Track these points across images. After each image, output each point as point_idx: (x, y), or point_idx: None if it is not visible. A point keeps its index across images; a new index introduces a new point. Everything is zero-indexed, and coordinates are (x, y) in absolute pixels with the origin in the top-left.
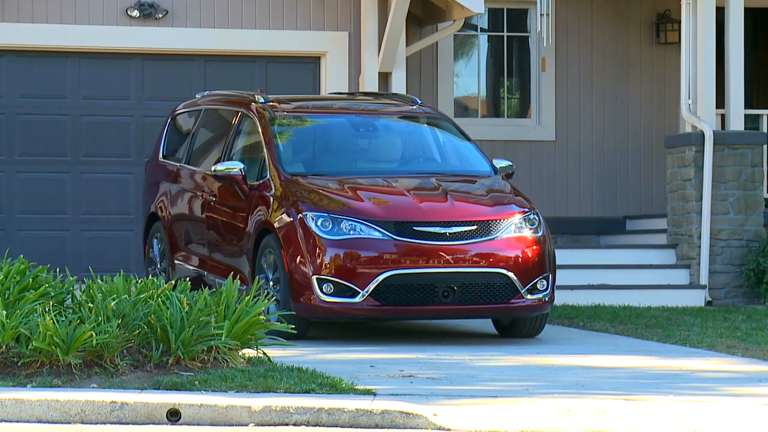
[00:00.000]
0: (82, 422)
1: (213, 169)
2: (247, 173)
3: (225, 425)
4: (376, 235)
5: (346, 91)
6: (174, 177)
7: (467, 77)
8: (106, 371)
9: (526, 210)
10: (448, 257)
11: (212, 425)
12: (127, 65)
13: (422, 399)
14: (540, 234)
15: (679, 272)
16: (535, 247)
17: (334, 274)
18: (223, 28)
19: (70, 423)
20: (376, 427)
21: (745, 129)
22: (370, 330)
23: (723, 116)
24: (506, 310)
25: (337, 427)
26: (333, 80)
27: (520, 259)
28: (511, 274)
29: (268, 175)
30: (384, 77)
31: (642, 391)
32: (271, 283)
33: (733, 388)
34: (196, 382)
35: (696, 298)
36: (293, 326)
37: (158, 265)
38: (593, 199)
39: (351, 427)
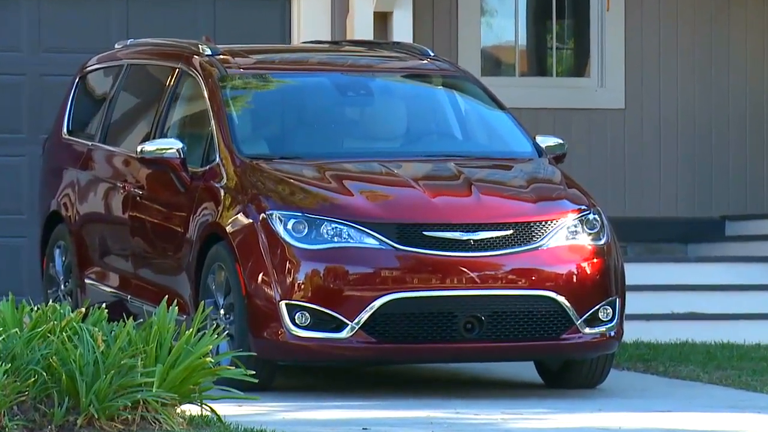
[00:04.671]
0: None
1: (139, 149)
2: (187, 155)
3: None
4: (371, 243)
5: (328, 39)
6: (84, 161)
7: (500, 19)
8: None
9: (584, 208)
10: (472, 274)
11: None
12: (16, 3)
13: None
14: (603, 241)
15: None
16: (595, 260)
17: (311, 299)
18: None
19: None
20: None
21: None
22: (363, 377)
23: None
24: (555, 350)
25: None
26: (309, 24)
27: (574, 277)
28: (562, 299)
29: (218, 159)
30: (382, 19)
31: None
32: (221, 312)
33: None
34: None
35: None
36: (253, 372)
37: (62, 286)
38: (678, 192)
39: None
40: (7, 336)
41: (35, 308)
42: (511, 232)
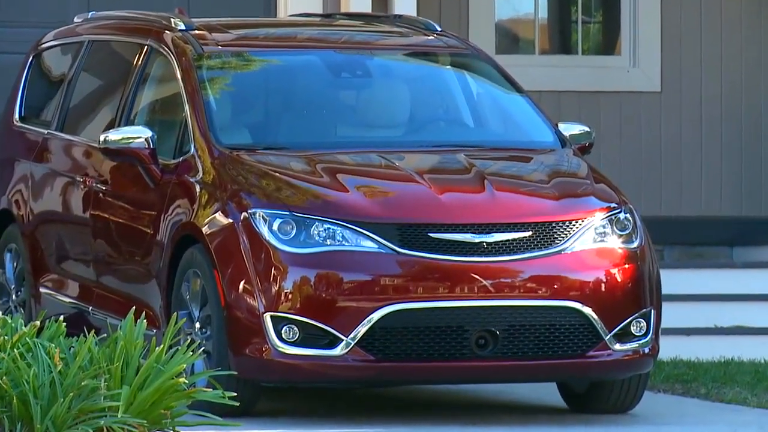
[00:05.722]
0: None
1: (102, 139)
2: (158, 146)
3: None
4: (369, 246)
5: (320, 12)
6: (39, 152)
7: None
8: None
9: (614, 206)
10: (485, 282)
11: None
12: None
13: None
14: (635, 244)
15: None
16: (627, 265)
17: (299, 311)
18: None
19: None
20: None
21: None
22: (360, 400)
23: None
24: (581, 369)
25: None
26: None
27: (603, 285)
28: (588, 310)
29: (193, 149)
30: None
31: None
32: (197, 325)
33: None
34: None
35: None
36: (233, 394)
37: (13, 296)
38: (722, 187)
39: None
40: None
41: None
42: (529, 233)
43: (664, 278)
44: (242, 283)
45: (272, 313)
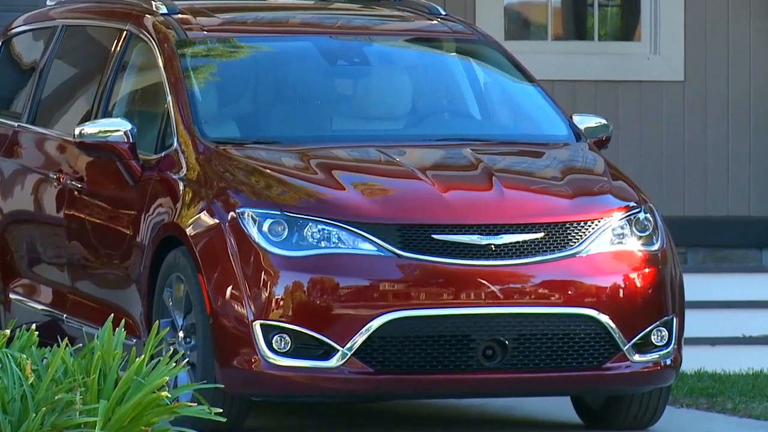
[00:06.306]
0: None
1: (78, 132)
2: (138, 140)
3: None
4: (367, 248)
5: None
6: (8, 146)
7: None
8: None
9: (633, 205)
10: (493, 288)
11: None
12: None
13: None
14: (656, 247)
15: None
16: (647, 269)
17: (292, 319)
18: None
19: None
20: None
21: None
22: (357, 415)
23: None
24: (597, 382)
25: None
26: None
27: (621, 291)
28: (604, 318)
29: (176, 144)
30: None
31: None
32: (181, 334)
33: None
34: None
35: None
36: (220, 410)
37: None
38: (751, 186)
39: None
40: None
41: None
42: (541, 235)
43: (688, 283)
44: (229, 288)
45: (262, 322)
